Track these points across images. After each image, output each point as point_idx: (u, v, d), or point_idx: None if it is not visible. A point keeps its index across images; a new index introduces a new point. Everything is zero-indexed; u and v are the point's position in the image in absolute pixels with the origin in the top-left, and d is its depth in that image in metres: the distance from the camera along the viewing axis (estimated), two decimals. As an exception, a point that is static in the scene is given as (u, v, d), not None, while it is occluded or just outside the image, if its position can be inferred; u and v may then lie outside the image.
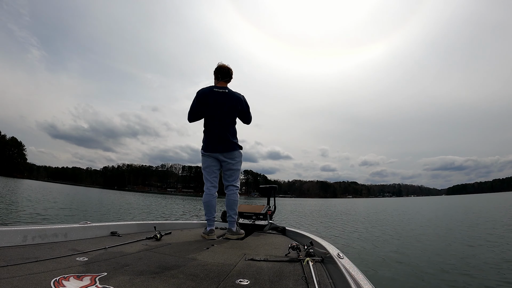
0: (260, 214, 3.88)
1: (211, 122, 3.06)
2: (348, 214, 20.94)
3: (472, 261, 5.52)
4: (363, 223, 13.62)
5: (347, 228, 11.49)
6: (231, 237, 2.94)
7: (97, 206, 17.63)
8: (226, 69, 3.15)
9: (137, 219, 11.19)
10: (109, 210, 16.10)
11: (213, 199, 3.05)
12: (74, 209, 14.48)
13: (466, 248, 6.81)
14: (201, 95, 3.05)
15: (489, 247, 6.85)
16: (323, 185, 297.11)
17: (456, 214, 17.79)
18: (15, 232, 1.91)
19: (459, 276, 4.63)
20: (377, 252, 6.61)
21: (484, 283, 4.27)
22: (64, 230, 2.23)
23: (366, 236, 9.25)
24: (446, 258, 5.87)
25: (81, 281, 1.28)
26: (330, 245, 2.00)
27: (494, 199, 46.70)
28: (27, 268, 1.41)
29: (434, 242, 7.91)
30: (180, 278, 1.46)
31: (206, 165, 3.10)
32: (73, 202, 19.15)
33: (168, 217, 14.66)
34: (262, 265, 1.78)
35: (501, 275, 4.62)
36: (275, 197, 4.24)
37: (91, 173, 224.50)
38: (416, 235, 9.24)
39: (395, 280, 4.50)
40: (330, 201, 78.15)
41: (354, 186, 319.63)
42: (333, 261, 1.56)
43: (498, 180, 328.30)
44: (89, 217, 11.67)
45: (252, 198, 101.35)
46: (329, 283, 1.43)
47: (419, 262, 5.53)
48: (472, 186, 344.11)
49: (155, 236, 2.56)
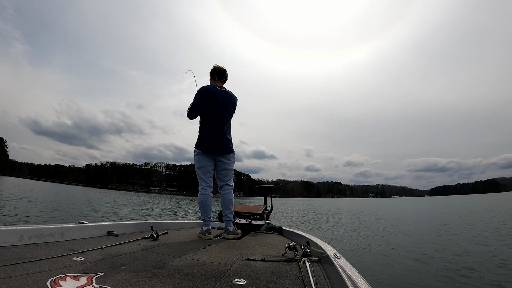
0: (257, 214, 3.89)
1: (213, 122, 3.02)
2: (338, 214, 21.12)
3: (468, 260, 5.64)
4: (355, 223, 13.77)
5: (340, 228, 11.61)
6: (228, 236, 2.93)
7: (71, 206, 16.49)
8: (223, 69, 3.20)
9: (134, 219, 11.08)
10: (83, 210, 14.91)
11: (209, 199, 3.04)
12: (53, 210, 13.49)
13: (461, 248, 6.96)
14: (207, 92, 3.00)
15: (479, 246, 7.08)
16: (307, 185, 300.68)
17: (447, 215, 18.16)
18: (12, 232, 1.89)
19: (457, 275, 4.69)
20: (373, 251, 6.69)
21: (482, 281, 4.36)
22: (61, 230, 2.21)
23: (362, 236, 9.35)
24: (442, 257, 5.97)
25: (77, 281, 1.28)
26: (326, 245, 2.01)
27: (473, 201, 48.21)
28: (23, 268, 1.39)
29: (428, 242, 8.03)
30: (177, 277, 1.45)
31: (201, 164, 3.04)
32: (51, 201, 18.19)
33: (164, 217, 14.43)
34: (259, 265, 1.79)
35: (496, 273, 4.74)
36: (272, 197, 4.24)
37: (74, 170, 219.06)
38: (410, 235, 9.39)
39: (391, 279, 4.55)
40: (314, 201, 78.67)
41: (337, 186, 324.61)
42: (329, 261, 1.57)
43: (480, 182, 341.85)
44: (84, 217, 11.29)
45: (236, 198, 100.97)
46: (325, 283, 1.43)
47: (415, 262, 5.61)
48: (455, 188, 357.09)
49: (152, 236, 2.56)
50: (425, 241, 8.09)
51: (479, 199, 64.82)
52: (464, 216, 16.67)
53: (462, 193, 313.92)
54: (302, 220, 15.84)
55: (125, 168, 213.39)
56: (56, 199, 21.17)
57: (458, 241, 7.94)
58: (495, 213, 18.47)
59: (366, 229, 11.29)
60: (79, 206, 16.56)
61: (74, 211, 13.95)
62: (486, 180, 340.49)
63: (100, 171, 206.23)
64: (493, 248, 6.83)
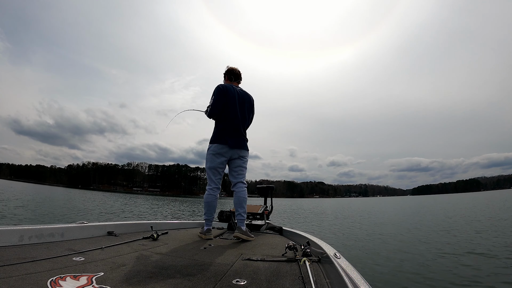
0: (257, 214, 3.88)
1: (232, 119, 2.98)
2: (325, 214, 21.08)
3: (466, 260, 5.61)
4: (350, 223, 13.74)
5: (337, 229, 11.55)
6: (241, 236, 2.77)
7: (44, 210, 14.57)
8: (238, 70, 3.27)
9: (134, 219, 10.92)
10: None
11: (215, 200, 3.01)
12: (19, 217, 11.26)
13: (460, 247, 6.94)
14: (226, 90, 2.99)
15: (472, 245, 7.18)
16: (290, 185, 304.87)
17: (435, 215, 18.04)
18: (12, 232, 1.87)
19: (455, 275, 4.69)
20: (372, 251, 6.69)
21: (481, 281, 4.37)
22: (61, 230, 2.19)
23: (360, 236, 9.36)
24: (441, 257, 5.96)
25: (77, 281, 1.28)
26: (327, 245, 2.00)
27: (455, 200, 49.27)
28: (23, 268, 1.39)
29: (423, 241, 7.99)
30: (177, 278, 1.45)
31: (213, 165, 2.98)
32: (26, 204, 16.14)
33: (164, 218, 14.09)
34: (259, 265, 1.78)
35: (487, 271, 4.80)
36: (272, 197, 4.26)
37: (56, 171, 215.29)
38: (405, 235, 9.38)
39: (391, 279, 4.54)
40: (298, 201, 78.32)
41: (321, 186, 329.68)
42: (330, 261, 1.57)
43: (461, 181, 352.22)
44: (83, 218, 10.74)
45: (220, 198, 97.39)
46: (326, 283, 1.43)
47: (414, 262, 5.60)
48: (437, 187, 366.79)
49: (152, 236, 2.55)
50: (421, 240, 8.13)
51: (458, 198, 65.57)
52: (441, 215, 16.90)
53: (444, 192, 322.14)
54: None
55: (107, 168, 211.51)
56: (29, 201, 19.06)
57: (455, 239, 8.02)
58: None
59: (362, 230, 11.13)
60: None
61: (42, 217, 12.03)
62: (467, 180, 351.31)
63: (82, 172, 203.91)
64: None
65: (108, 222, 2.80)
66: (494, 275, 4.56)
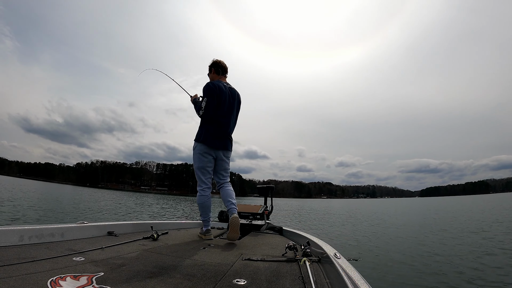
0: (257, 214, 3.87)
1: (220, 120, 2.93)
2: (333, 214, 20.97)
3: (466, 261, 5.65)
4: (355, 224, 13.72)
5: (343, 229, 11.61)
6: (233, 235, 2.69)
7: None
8: (224, 63, 3.14)
9: (134, 219, 10.86)
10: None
11: (208, 200, 2.98)
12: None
13: (461, 248, 6.98)
14: (219, 92, 2.90)
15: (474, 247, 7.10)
16: (298, 185, 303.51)
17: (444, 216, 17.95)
18: (12, 232, 1.88)
19: (455, 274, 4.73)
20: (374, 252, 6.71)
21: (481, 281, 4.39)
22: (61, 230, 2.20)
23: (362, 236, 9.40)
24: (441, 257, 5.98)
25: (77, 281, 1.28)
26: (327, 245, 2.00)
27: (464, 202, 48.02)
28: (23, 268, 1.39)
29: (426, 242, 8.03)
30: (177, 278, 1.45)
31: (201, 165, 2.93)
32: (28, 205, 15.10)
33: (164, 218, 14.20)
34: (259, 265, 1.78)
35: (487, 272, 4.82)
36: (272, 197, 4.26)
37: (64, 169, 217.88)
38: (409, 236, 9.43)
39: (391, 280, 4.53)
40: (306, 201, 78.14)
41: (329, 187, 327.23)
42: (330, 261, 1.57)
43: (470, 183, 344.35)
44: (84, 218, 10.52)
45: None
46: (326, 283, 1.43)
47: (414, 262, 5.62)
48: (445, 189, 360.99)
49: (152, 236, 2.55)
50: (425, 242, 8.09)
51: (467, 200, 63.67)
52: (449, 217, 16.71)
53: (453, 194, 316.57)
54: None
55: (115, 167, 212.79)
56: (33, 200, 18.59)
57: (456, 241, 8.01)
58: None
59: (367, 230, 11.19)
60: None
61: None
62: (476, 182, 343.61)
63: (90, 170, 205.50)
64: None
65: (108, 222, 2.80)
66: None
